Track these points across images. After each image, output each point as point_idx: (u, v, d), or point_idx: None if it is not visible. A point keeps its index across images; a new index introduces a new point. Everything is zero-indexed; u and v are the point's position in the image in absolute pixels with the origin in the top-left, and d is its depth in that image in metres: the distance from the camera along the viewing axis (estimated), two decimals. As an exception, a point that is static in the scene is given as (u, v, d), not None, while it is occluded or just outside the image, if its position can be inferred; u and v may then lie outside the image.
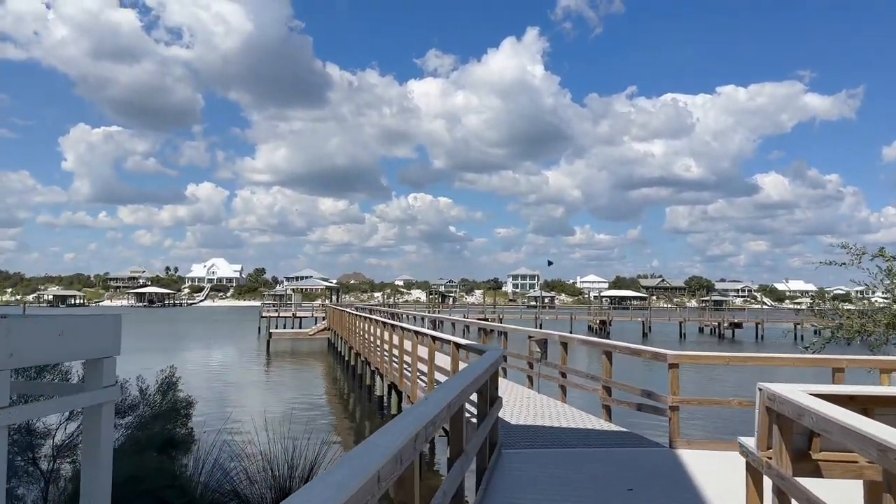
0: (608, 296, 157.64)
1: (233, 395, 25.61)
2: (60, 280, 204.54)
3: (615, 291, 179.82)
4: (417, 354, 11.22)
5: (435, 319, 19.81)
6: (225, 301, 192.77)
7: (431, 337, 10.26)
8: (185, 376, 32.02)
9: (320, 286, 76.46)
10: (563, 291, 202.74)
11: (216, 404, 23.43)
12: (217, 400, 24.38)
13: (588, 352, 31.86)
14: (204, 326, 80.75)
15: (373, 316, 20.88)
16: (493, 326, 14.35)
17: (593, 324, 71.26)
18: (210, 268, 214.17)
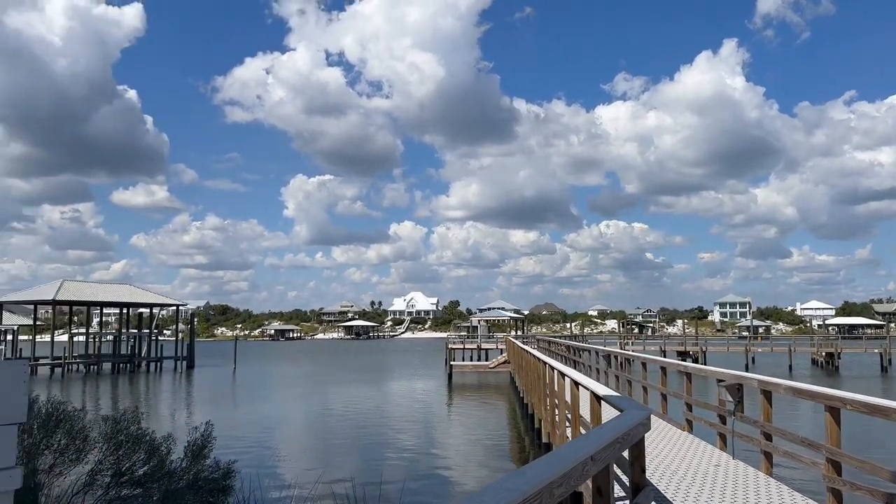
0: (835, 324, 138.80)
1: (404, 435, 24.67)
2: (281, 316, 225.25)
3: (844, 319, 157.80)
4: (564, 399, 9.07)
5: (609, 354, 17.14)
6: (423, 333, 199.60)
7: (574, 381, 8.06)
8: (369, 410, 32.49)
9: (505, 317, 75.23)
10: (781, 320, 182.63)
11: (385, 444, 22.61)
12: (384, 437, 23.59)
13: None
14: (397, 358, 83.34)
15: (526, 347, 18.73)
16: (662, 363, 11.55)
17: (818, 357, 61.81)
18: (409, 301, 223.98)
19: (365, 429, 26.15)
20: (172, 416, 31.39)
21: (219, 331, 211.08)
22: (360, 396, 38.51)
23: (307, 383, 48.95)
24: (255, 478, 17.03)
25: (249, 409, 34.04)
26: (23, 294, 57.22)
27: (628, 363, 15.90)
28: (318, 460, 20.14)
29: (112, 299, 58.23)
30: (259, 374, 57.25)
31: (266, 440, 23.53)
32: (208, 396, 41.65)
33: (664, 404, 13.09)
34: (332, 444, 23.20)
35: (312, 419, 30.18)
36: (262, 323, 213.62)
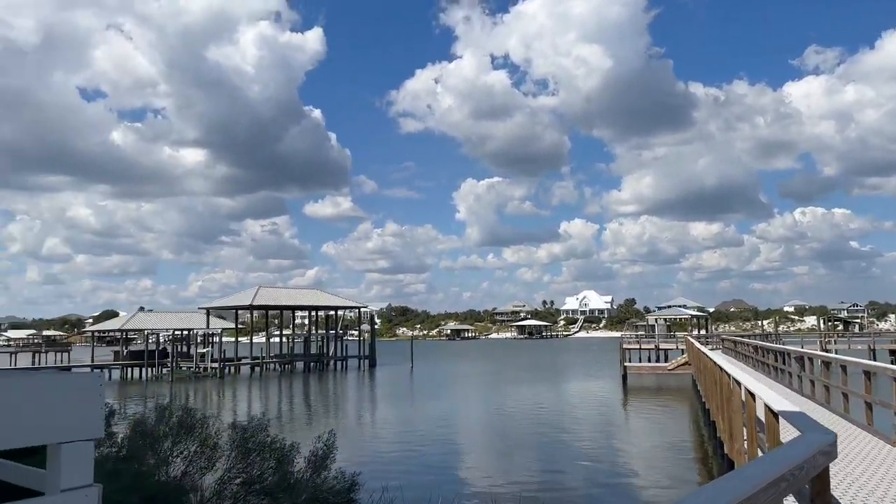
0: None
1: (580, 438, 23.98)
2: (456, 316, 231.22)
3: None
4: (739, 409, 8.02)
5: (802, 356, 15.24)
6: (597, 332, 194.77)
7: (748, 390, 7.03)
8: (541, 410, 32.03)
9: (686, 315, 70.86)
10: None
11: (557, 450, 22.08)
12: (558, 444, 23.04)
13: None
14: (570, 357, 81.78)
15: (702, 347, 17.11)
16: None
17: None
18: (582, 300, 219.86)
19: (538, 430, 25.76)
20: (356, 413, 33.21)
21: (400, 331, 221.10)
22: (531, 396, 38.15)
23: (480, 382, 49.56)
24: (417, 475, 17.52)
25: (424, 406, 35.07)
26: (225, 300, 64.04)
27: (825, 367, 14.01)
28: (491, 462, 20.06)
29: (301, 303, 63.21)
30: (435, 373, 59.03)
31: (439, 438, 24.00)
32: (387, 394, 43.63)
33: (869, 414, 11.41)
34: (505, 444, 23.06)
35: (485, 418, 30.34)
36: (440, 323, 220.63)
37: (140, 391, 47.16)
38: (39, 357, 77.82)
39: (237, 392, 45.93)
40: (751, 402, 7.21)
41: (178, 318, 63.66)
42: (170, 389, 46.96)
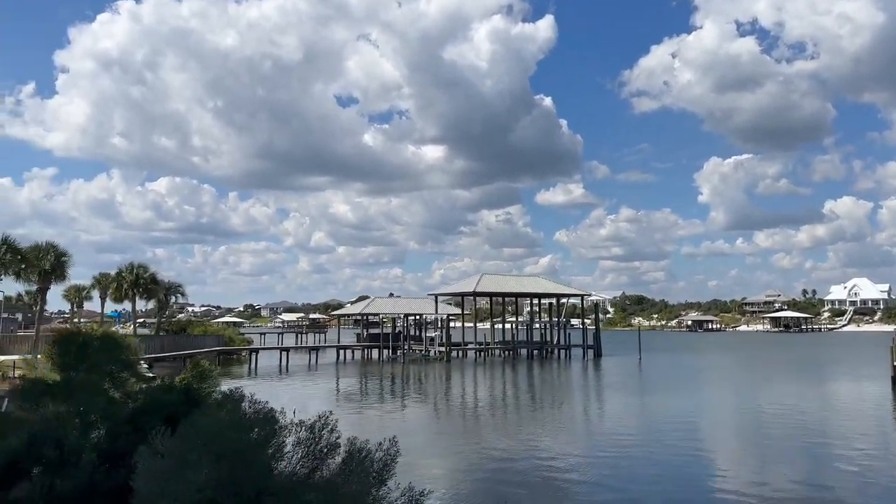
0: None
1: (841, 456, 20.41)
2: (699, 306, 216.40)
3: None
4: None
5: None
6: (871, 326, 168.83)
7: None
8: (787, 416, 27.93)
9: None
10: None
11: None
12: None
13: None
14: (831, 353, 71.37)
15: None
16: None
17: None
18: (851, 289, 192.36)
19: (774, 438, 22.45)
20: (573, 404, 32.05)
21: (635, 321, 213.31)
22: (775, 397, 33.67)
23: (715, 379, 45.15)
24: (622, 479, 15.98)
25: (644, 402, 32.72)
26: (451, 287, 66.47)
27: None
28: (717, 471, 17.70)
29: (523, 290, 63.25)
30: (665, 366, 55.22)
31: (657, 439, 21.94)
32: (605, 385, 41.62)
33: None
34: (739, 453, 20.39)
35: (715, 420, 27.34)
36: (679, 313, 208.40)
37: (377, 371, 50.84)
38: (301, 337, 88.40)
39: (457, 375, 47.27)
40: None
41: (410, 304, 67.57)
42: (402, 370, 49.96)
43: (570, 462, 18.56)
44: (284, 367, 52.97)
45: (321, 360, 58.02)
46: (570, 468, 17.81)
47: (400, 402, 32.75)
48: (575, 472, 17.48)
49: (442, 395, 36.28)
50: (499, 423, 26.33)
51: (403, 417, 27.88)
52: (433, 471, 17.34)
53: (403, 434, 23.12)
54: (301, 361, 56.84)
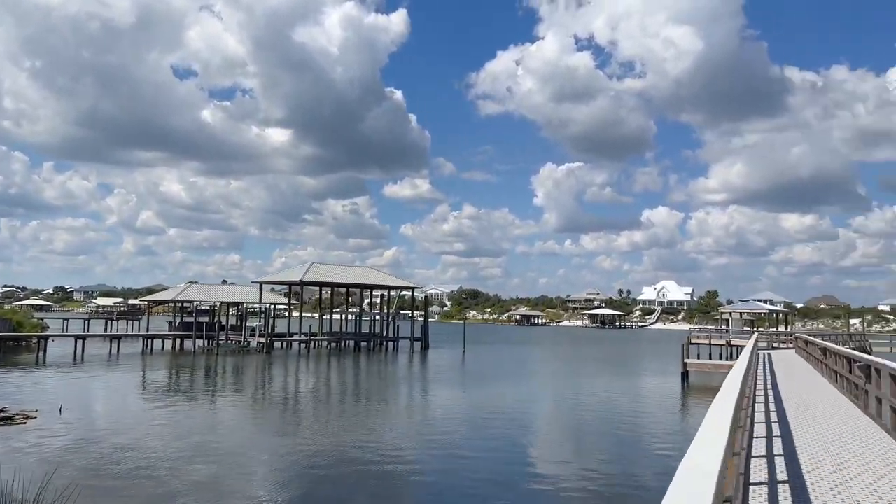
0: None
1: (607, 448, 21.18)
2: (528, 302, 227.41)
3: None
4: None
5: (869, 365, 11.87)
6: (675, 325, 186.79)
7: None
8: (573, 408, 29.43)
9: (763, 310, 65.30)
10: None
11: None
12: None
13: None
14: (637, 349, 77.73)
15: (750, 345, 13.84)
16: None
17: None
18: (660, 290, 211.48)
19: (562, 429, 23.13)
20: (385, 396, 31.37)
21: (470, 314, 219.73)
22: (576, 390, 35.35)
23: (524, 372, 46.86)
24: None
25: (459, 395, 32.89)
26: (278, 276, 63.74)
27: (877, 373, 10.88)
28: (489, 453, 17.80)
29: (354, 281, 62.05)
30: (486, 358, 56.74)
31: (473, 431, 21.76)
32: (428, 378, 41.67)
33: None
34: (525, 439, 20.61)
35: (518, 408, 27.86)
36: (510, 308, 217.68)
37: (188, 363, 47.18)
38: (111, 324, 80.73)
39: (276, 368, 45.11)
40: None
41: (232, 291, 63.86)
42: (216, 362, 46.77)
43: (391, 456, 17.97)
44: (80, 356, 47.67)
45: (127, 350, 53.01)
46: (391, 462, 17.29)
47: (210, 398, 30.25)
48: (396, 465, 17.03)
49: (256, 390, 34.15)
50: (320, 419, 25.00)
51: (213, 415, 25.69)
52: (250, 471, 16.14)
53: (212, 433, 21.26)
54: (100, 351, 51.52)
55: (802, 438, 9.98)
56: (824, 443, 9.70)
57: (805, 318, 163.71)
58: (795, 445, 9.33)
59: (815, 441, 9.75)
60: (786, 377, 21.53)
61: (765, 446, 9.20)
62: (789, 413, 12.89)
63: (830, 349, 19.02)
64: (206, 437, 20.33)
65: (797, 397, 15.64)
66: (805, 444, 9.50)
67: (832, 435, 10.46)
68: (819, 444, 9.50)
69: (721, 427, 3.27)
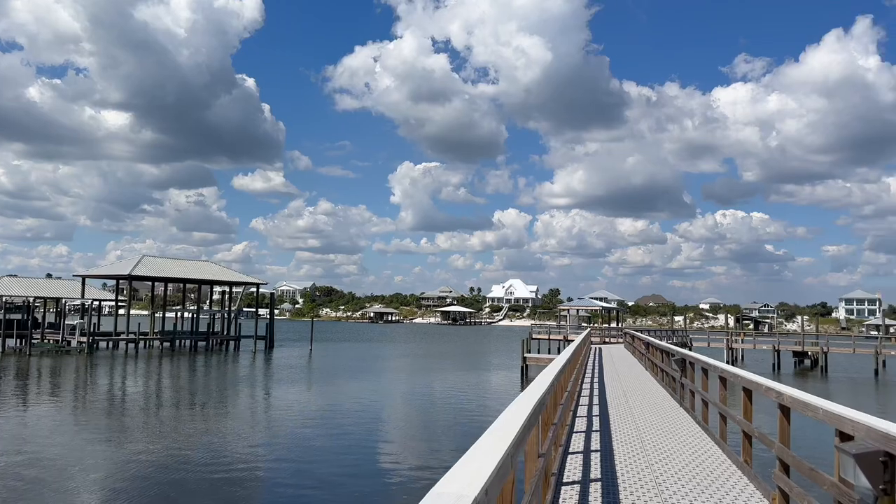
0: None
1: (437, 436, 20.99)
2: (383, 299, 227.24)
3: None
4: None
5: (684, 359, 12.55)
6: (521, 321, 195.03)
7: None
8: (409, 405, 29.33)
9: (597, 307, 69.57)
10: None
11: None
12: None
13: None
14: (484, 345, 79.80)
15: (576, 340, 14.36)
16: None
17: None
18: (508, 288, 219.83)
19: (395, 423, 22.74)
20: (210, 400, 29.33)
21: (323, 311, 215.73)
22: (419, 385, 35.29)
23: (373, 368, 46.32)
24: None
25: (305, 393, 31.57)
26: (103, 269, 58.21)
27: (691, 366, 11.56)
28: (309, 452, 17.01)
29: (190, 276, 58.09)
30: (334, 357, 55.46)
31: (316, 429, 20.63)
32: (270, 377, 39.73)
33: (723, 426, 8.80)
34: (352, 438, 19.91)
35: (356, 407, 27.13)
36: (364, 305, 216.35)
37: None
38: None
39: (100, 370, 41.02)
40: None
41: (48, 286, 57.53)
42: (28, 364, 41.74)
43: (227, 460, 16.72)
44: None
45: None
46: (227, 466, 16.13)
47: (21, 404, 26.65)
48: (233, 469, 15.96)
49: (77, 394, 30.67)
50: (150, 424, 22.69)
51: (24, 423, 22.59)
52: (72, 483, 14.42)
53: (30, 443, 18.49)
54: None
55: (620, 433, 10.15)
56: (640, 436, 9.91)
57: (635, 314, 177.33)
58: (612, 441, 9.42)
59: (631, 435, 9.94)
60: (612, 370, 22.59)
61: (583, 442, 9.20)
62: (611, 406, 13.27)
63: (652, 344, 20.08)
64: (22, 448, 17.80)
65: (621, 390, 16.28)
66: (622, 438, 9.64)
67: (648, 427, 10.76)
68: (635, 438, 9.68)
69: (499, 440, 2.76)
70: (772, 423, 6.45)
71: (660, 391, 16.02)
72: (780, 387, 5.98)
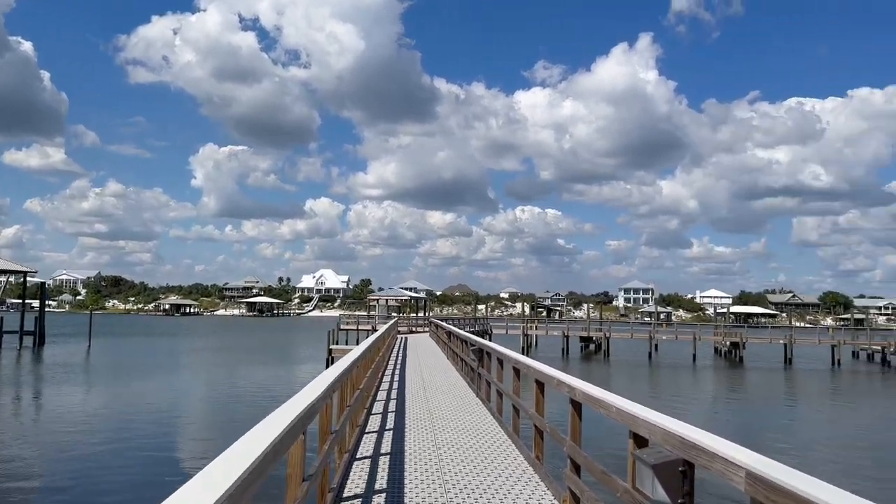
0: (732, 312, 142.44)
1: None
2: (180, 290, 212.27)
3: (741, 308, 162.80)
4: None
5: (482, 349, 12.46)
6: (332, 311, 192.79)
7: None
8: (198, 404, 27.05)
9: (405, 296, 70.32)
10: (681, 306, 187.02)
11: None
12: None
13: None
14: (292, 337, 77.32)
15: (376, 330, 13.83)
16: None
17: (721, 346, 60.39)
18: (318, 279, 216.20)
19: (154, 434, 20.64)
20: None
21: (110, 303, 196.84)
22: (210, 384, 32.77)
23: (163, 365, 42.43)
24: None
25: (65, 395, 27.67)
26: None
27: (488, 356, 11.46)
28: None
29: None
30: (117, 353, 50.08)
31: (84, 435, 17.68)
32: (40, 377, 34.58)
33: (516, 420, 8.62)
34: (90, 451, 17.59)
35: (115, 416, 24.23)
36: (159, 297, 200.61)
37: None
38: None
39: None
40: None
41: None
42: None
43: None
44: None
45: None
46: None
47: None
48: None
49: None
50: None
51: None
52: None
53: None
54: None
55: (415, 427, 9.55)
56: (433, 430, 9.41)
57: (443, 304, 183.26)
58: (405, 439, 8.76)
59: (425, 431, 9.37)
60: (416, 359, 22.36)
61: (374, 441, 8.45)
62: (409, 397, 12.75)
63: (454, 333, 20.04)
64: None
65: (420, 380, 15.90)
66: (415, 437, 9.00)
67: (443, 419, 10.32)
68: (430, 437, 9.09)
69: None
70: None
71: (459, 381, 15.88)
72: (572, 381, 5.62)
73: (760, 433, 21.92)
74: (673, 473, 3.18)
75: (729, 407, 29.99)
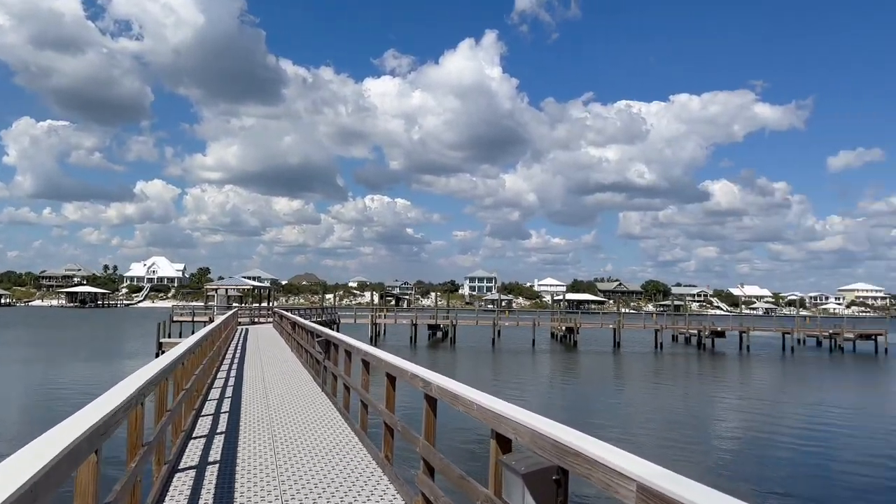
0: (566, 299, 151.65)
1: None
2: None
3: (574, 295, 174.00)
4: None
5: (328, 342, 11.82)
6: (166, 302, 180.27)
7: None
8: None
9: (248, 286, 67.17)
10: (521, 294, 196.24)
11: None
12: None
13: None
14: (115, 330, 71.09)
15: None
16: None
17: (557, 331, 63.80)
18: (150, 267, 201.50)
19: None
20: None
21: None
22: (16, 385, 29.09)
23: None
24: None
25: None
26: None
27: (335, 348, 10.86)
28: None
29: None
30: None
31: None
32: None
33: (364, 416, 8.10)
34: None
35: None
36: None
37: None
38: None
39: None
40: None
41: None
42: None
43: None
44: None
45: None
46: None
47: None
48: None
49: None
50: None
51: None
52: None
53: None
54: None
55: (251, 427, 8.68)
56: (271, 428, 8.61)
57: (288, 293, 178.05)
58: (239, 442, 7.88)
59: (263, 431, 8.52)
60: (256, 352, 21.07)
61: (201, 448, 7.50)
62: (247, 394, 11.74)
63: (298, 323, 19.09)
64: None
65: (261, 375, 14.84)
66: (251, 439, 8.14)
67: (282, 415, 9.54)
68: (267, 438, 8.26)
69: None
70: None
71: (304, 374, 15.02)
72: (427, 374, 5.15)
73: (592, 414, 23.10)
74: (546, 483, 2.78)
75: (564, 390, 31.50)
